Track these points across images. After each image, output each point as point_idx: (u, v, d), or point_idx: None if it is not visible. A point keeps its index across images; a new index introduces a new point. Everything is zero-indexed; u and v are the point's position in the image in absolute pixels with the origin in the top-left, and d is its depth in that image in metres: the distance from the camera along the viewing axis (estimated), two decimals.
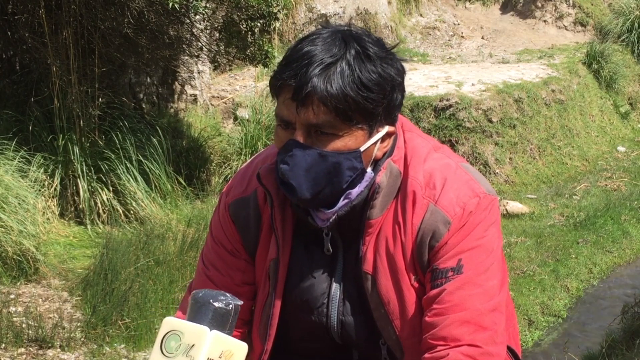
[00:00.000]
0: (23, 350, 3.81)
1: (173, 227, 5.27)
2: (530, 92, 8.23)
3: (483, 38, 11.15)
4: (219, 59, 6.53)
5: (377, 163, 1.69)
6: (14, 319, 4.01)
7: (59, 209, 5.41)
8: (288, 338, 1.82)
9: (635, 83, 10.17)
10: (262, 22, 5.73)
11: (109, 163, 5.54)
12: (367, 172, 1.67)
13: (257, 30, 5.88)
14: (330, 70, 1.56)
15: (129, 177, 5.57)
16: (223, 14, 5.84)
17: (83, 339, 3.95)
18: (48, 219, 5.23)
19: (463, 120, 7.62)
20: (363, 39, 1.61)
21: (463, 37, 11.10)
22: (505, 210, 6.77)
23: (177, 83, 7.13)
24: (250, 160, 1.87)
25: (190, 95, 7.24)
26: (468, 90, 8.00)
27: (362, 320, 1.74)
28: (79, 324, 4.07)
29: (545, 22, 11.61)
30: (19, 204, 4.65)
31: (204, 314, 1.37)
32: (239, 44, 5.92)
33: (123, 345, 3.98)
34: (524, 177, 7.67)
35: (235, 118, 7.47)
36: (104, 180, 5.53)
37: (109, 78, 6.09)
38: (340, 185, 1.63)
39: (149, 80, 6.81)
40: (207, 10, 5.59)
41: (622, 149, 8.89)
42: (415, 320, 1.70)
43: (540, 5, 11.72)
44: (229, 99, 7.66)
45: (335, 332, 1.76)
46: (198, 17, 5.77)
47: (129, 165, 5.59)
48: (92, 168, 5.49)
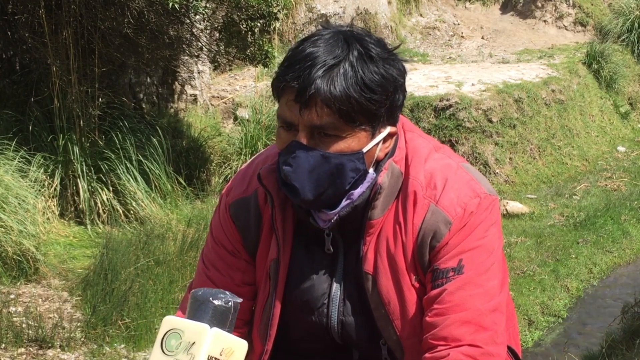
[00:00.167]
0: (23, 350, 3.81)
1: (173, 227, 5.27)
2: (530, 92, 8.23)
3: (483, 38, 11.15)
4: (219, 59, 6.53)
5: (378, 163, 1.69)
6: (14, 319, 4.01)
7: (59, 209, 5.41)
8: (288, 338, 1.82)
9: (635, 83, 10.17)
10: (262, 22, 5.73)
11: (109, 163, 5.54)
12: (369, 172, 1.67)
13: (257, 30, 5.88)
14: (334, 72, 1.56)
15: (129, 177, 5.57)
16: (223, 14, 5.84)
17: (83, 339, 3.95)
18: (48, 219, 5.23)
19: (463, 120, 7.62)
20: (365, 40, 1.61)
21: (463, 37, 11.10)
22: (505, 210, 6.77)
23: (177, 83, 7.13)
24: (251, 161, 1.86)
25: (190, 95, 7.24)
26: (468, 90, 8.00)
27: (362, 321, 1.74)
28: (79, 324, 4.07)
29: (545, 22, 11.61)
30: (19, 204, 4.65)
31: (204, 312, 1.37)
32: (239, 44, 5.92)
33: (123, 345, 3.98)
34: (524, 177, 7.67)
35: (235, 118, 7.47)
36: (104, 180, 5.53)
37: (109, 78, 6.10)
38: (343, 187, 1.63)
39: (149, 80, 6.81)
40: (207, 10, 5.59)
41: (622, 149, 8.89)
42: (416, 321, 1.70)
43: (540, 5, 11.72)
44: (229, 99, 7.66)
45: (336, 332, 1.76)
46: (198, 17, 5.77)
47: (129, 165, 5.59)
48: (92, 168, 5.50)
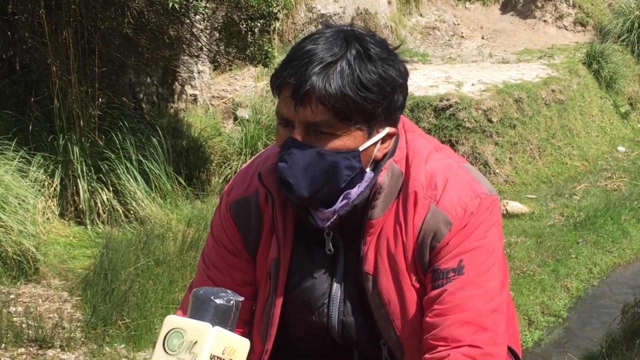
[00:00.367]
0: (23, 350, 3.81)
1: (173, 227, 5.27)
2: (530, 92, 8.23)
3: (483, 38, 11.15)
4: (219, 59, 6.53)
5: (378, 164, 1.69)
6: (14, 319, 4.01)
7: (59, 209, 5.41)
8: (289, 338, 1.82)
9: (635, 83, 10.17)
10: (262, 22, 5.72)
11: (109, 163, 5.54)
12: (366, 172, 1.67)
13: (257, 30, 5.88)
14: (330, 70, 1.56)
15: (129, 177, 5.57)
16: (223, 14, 5.84)
17: (83, 339, 3.95)
18: (48, 219, 5.23)
19: (463, 120, 7.62)
20: (365, 40, 1.61)
21: (463, 37, 11.10)
22: (505, 210, 6.77)
23: (177, 83, 7.13)
24: (251, 160, 1.86)
25: (190, 95, 7.24)
26: (468, 90, 8.00)
27: (362, 321, 1.74)
28: (79, 324, 4.07)
29: (545, 22, 11.61)
30: (19, 204, 4.65)
31: (206, 311, 1.37)
32: (239, 44, 5.92)
33: (123, 345, 3.98)
34: (524, 177, 7.67)
35: (235, 118, 7.47)
36: (104, 180, 5.53)
37: (109, 78, 6.09)
38: (339, 185, 1.63)
39: (149, 80, 6.81)
40: (207, 10, 5.59)
41: (622, 149, 8.89)
42: (416, 321, 1.70)
43: (540, 5, 11.72)
44: (229, 99, 7.66)
45: (336, 332, 1.76)
46: (198, 17, 5.77)
47: (129, 165, 5.59)
48: (92, 168, 5.49)
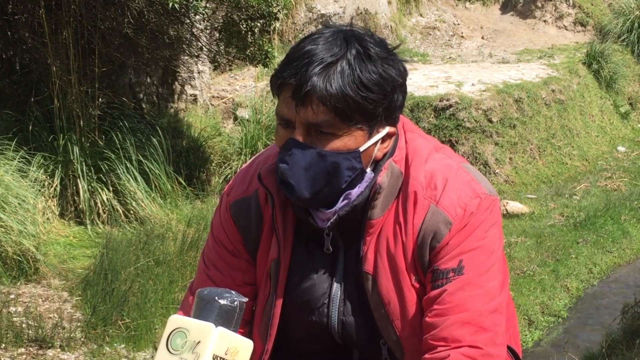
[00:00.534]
0: (23, 350, 3.80)
1: (173, 227, 5.27)
2: (530, 92, 8.23)
3: (483, 38, 11.15)
4: (219, 59, 6.53)
5: (377, 163, 1.69)
6: (14, 319, 4.01)
7: (59, 209, 5.41)
8: (289, 338, 1.82)
9: (635, 83, 10.17)
10: (262, 22, 5.72)
11: (109, 163, 5.54)
12: (366, 172, 1.67)
13: (257, 30, 5.88)
14: (331, 70, 1.56)
15: (129, 177, 5.57)
16: (223, 14, 5.84)
17: (83, 339, 3.95)
18: (48, 219, 5.23)
19: (463, 120, 7.62)
20: (365, 39, 1.61)
21: (463, 37, 11.10)
22: (505, 210, 6.77)
23: (177, 83, 7.13)
24: (251, 161, 1.86)
25: (190, 95, 7.24)
26: (468, 90, 8.00)
27: (362, 321, 1.74)
28: (79, 324, 4.07)
29: (545, 22, 11.61)
30: (19, 204, 4.65)
31: (210, 311, 1.37)
32: (239, 44, 5.92)
33: (123, 345, 3.98)
34: (524, 177, 7.67)
35: (235, 118, 7.47)
36: (104, 180, 5.53)
37: (109, 78, 6.09)
38: (340, 185, 1.63)
39: (149, 80, 6.81)
40: (207, 10, 5.59)
41: (622, 149, 8.89)
42: (416, 321, 1.70)
43: (540, 5, 11.72)
44: (229, 99, 7.66)
45: (336, 332, 1.76)
46: (198, 17, 5.77)
47: (129, 165, 5.59)
48: (92, 168, 5.49)
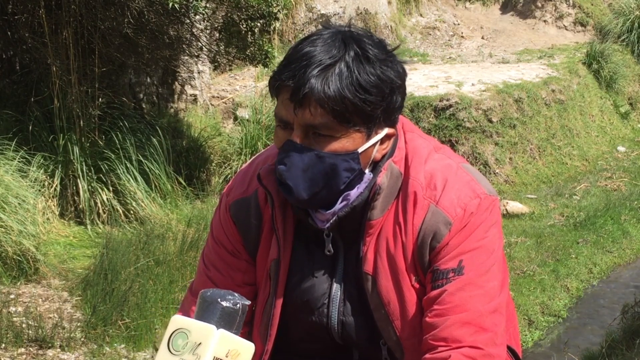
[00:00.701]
0: (23, 350, 3.81)
1: (173, 227, 5.27)
2: (530, 92, 8.23)
3: (483, 38, 11.15)
4: (219, 59, 6.53)
5: (377, 164, 1.68)
6: (14, 319, 4.01)
7: (59, 209, 5.41)
8: (288, 338, 1.82)
9: (635, 83, 10.17)
10: (262, 22, 5.73)
11: (109, 163, 5.54)
12: (365, 173, 1.67)
13: (257, 30, 5.88)
14: (329, 72, 1.55)
15: (129, 177, 5.57)
16: (223, 14, 5.84)
17: (83, 339, 3.95)
18: (48, 219, 5.23)
19: (463, 120, 7.62)
20: (363, 41, 1.60)
21: (463, 37, 11.10)
22: (505, 210, 6.77)
23: (177, 83, 7.13)
24: (251, 161, 1.86)
25: (190, 95, 7.24)
26: (468, 90, 8.00)
27: (362, 321, 1.74)
28: (79, 324, 4.07)
29: (545, 22, 11.61)
30: (19, 204, 4.65)
31: (212, 313, 1.37)
32: (239, 44, 5.92)
33: (123, 345, 3.98)
34: (524, 177, 7.67)
35: (235, 118, 7.47)
36: (104, 180, 5.53)
37: (109, 78, 6.09)
38: (338, 187, 1.63)
39: (149, 80, 6.81)
40: (207, 10, 5.59)
41: (622, 149, 8.89)
42: (416, 321, 1.70)
43: (540, 5, 11.72)
44: (229, 99, 7.66)
45: (336, 332, 1.76)
46: (198, 17, 5.77)
47: (129, 165, 5.59)
48: (92, 168, 5.49)
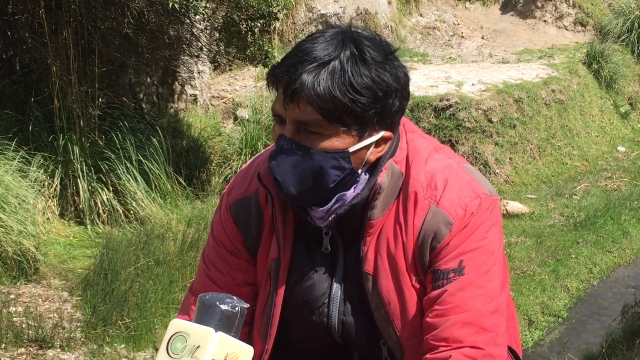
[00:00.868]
0: (23, 350, 3.80)
1: (173, 227, 5.27)
2: (530, 92, 8.23)
3: (483, 38, 11.15)
4: (219, 59, 6.53)
5: (374, 166, 1.68)
6: (14, 319, 4.01)
7: (59, 209, 5.41)
8: (289, 338, 1.82)
9: (635, 83, 10.17)
10: (262, 22, 5.72)
11: (109, 163, 5.54)
12: (359, 174, 1.66)
13: (257, 30, 5.88)
14: (322, 70, 1.55)
15: (129, 177, 5.57)
16: (223, 14, 5.84)
17: (83, 339, 3.95)
18: (48, 219, 5.23)
19: (463, 120, 7.62)
20: (363, 42, 1.60)
21: (463, 37, 11.10)
22: (505, 210, 6.77)
23: (177, 83, 7.13)
24: (252, 161, 1.87)
25: (190, 95, 7.24)
26: (468, 90, 8.00)
27: (362, 321, 1.74)
28: (79, 324, 4.07)
29: (545, 22, 11.61)
30: (19, 204, 4.65)
31: (211, 316, 1.38)
32: (239, 44, 5.92)
33: (123, 345, 3.98)
34: (524, 177, 7.67)
35: (235, 118, 7.47)
36: (104, 180, 5.53)
37: (109, 78, 6.09)
38: (327, 184, 1.63)
39: (149, 80, 6.81)
40: (207, 10, 5.59)
41: (622, 149, 8.89)
42: (416, 321, 1.70)
43: (540, 5, 11.72)
44: (229, 99, 7.66)
45: (336, 332, 1.76)
46: (198, 17, 5.77)
47: (129, 165, 5.59)
48: (92, 168, 5.49)
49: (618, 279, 5.95)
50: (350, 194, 1.66)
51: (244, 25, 5.80)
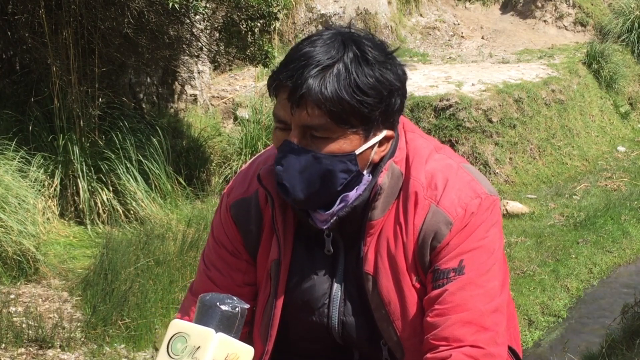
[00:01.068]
0: (23, 350, 3.81)
1: (173, 227, 5.27)
2: (530, 92, 8.23)
3: (483, 38, 11.15)
4: (219, 59, 6.53)
5: (376, 166, 1.68)
6: (14, 319, 4.01)
7: (59, 209, 5.41)
8: (289, 338, 1.82)
9: (635, 83, 10.17)
10: (262, 22, 5.73)
11: (109, 163, 5.54)
12: (364, 175, 1.67)
13: (257, 30, 5.88)
14: (327, 73, 1.55)
15: (129, 177, 5.57)
16: (223, 14, 5.84)
17: (83, 339, 3.95)
18: (48, 219, 5.23)
19: (463, 120, 7.62)
20: (363, 43, 1.60)
21: (463, 37, 11.10)
22: (505, 210, 6.77)
23: (177, 83, 7.13)
24: (251, 161, 1.86)
25: (190, 95, 7.24)
26: (468, 90, 8.00)
27: (363, 321, 1.74)
28: (79, 324, 4.07)
29: (545, 22, 11.62)
30: (19, 204, 4.65)
31: (211, 317, 1.38)
32: (239, 44, 5.92)
33: (123, 345, 3.98)
34: (524, 177, 7.67)
35: (235, 118, 7.47)
36: (104, 180, 5.53)
37: (109, 78, 6.09)
38: (335, 188, 1.63)
39: (149, 80, 6.81)
40: (207, 10, 5.59)
41: (622, 149, 8.89)
42: (417, 321, 1.70)
43: (540, 5, 11.73)
44: (229, 99, 7.66)
45: (336, 332, 1.76)
46: (198, 17, 5.77)
47: (129, 165, 5.59)
48: (92, 168, 5.49)
49: (618, 279, 5.95)
50: (353, 195, 1.66)
51: (244, 25, 5.80)
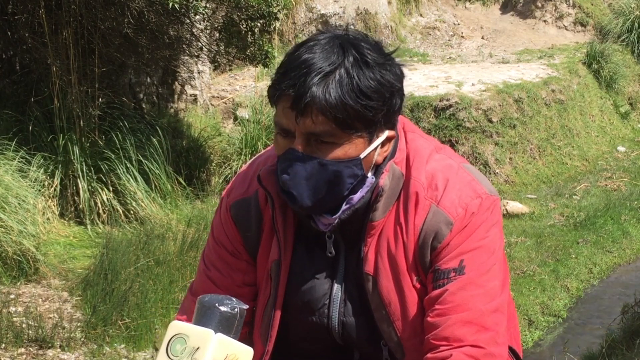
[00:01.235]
0: (23, 350, 3.81)
1: (173, 227, 5.27)
2: (530, 92, 8.23)
3: (483, 38, 11.15)
4: (219, 59, 6.53)
5: (378, 167, 1.68)
6: (14, 319, 4.01)
7: (59, 209, 5.41)
8: (289, 339, 1.82)
9: (635, 83, 10.18)
10: (262, 22, 5.73)
11: (109, 163, 5.54)
12: (368, 177, 1.67)
13: (257, 30, 5.88)
14: (329, 79, 1.55)
15: (129, 177, 5.57)
16: (223, 14, 5.84)
17: (83, 339, 3.96)
18: (48, 219, 5.23)
19: (463, 120, 7.62)
20: (361, 45, 1.60)
21: (463, 37, 11.10)
22: (506, 210, 6.77)
23: (177, 83, 7.13)
24: (251, 161, 1.86)
25: (190, 95, 7.24)
26: (468, 90, 8.00)
27: (363, 321, 1.74)
28: (79, 324, 4.07)
29: (545, 22, 11.62)
30: (19, 204, 4.65)
31: (210, 318, 1.38)
32: (239, 44, 5.92)
33: (123, 345, 3.98)
34: (524, 177, 7.67)
35: (235, 118, 7.48)
36: (104, 180, 5.53)
37: (109, 78, 6.10)
38: (342, 193, 1.63)
39: (149, 80, 6.81)
40: (207, 10, 5.59)
41: (622, 149, 8.89)
42: (417, 322, 1.70)
43: (540, 5, 11.72)
44: (229, 99, 7.66)
45: (337, 333, 1.76)
46: (198, 17, 5.77)
47: (129, 165, 5.59)
48: (92, 168, 5.50)
49: (618, 279, 5.96)
50: (357, 197, 1.67)
51: (244, 25, 5.80)
